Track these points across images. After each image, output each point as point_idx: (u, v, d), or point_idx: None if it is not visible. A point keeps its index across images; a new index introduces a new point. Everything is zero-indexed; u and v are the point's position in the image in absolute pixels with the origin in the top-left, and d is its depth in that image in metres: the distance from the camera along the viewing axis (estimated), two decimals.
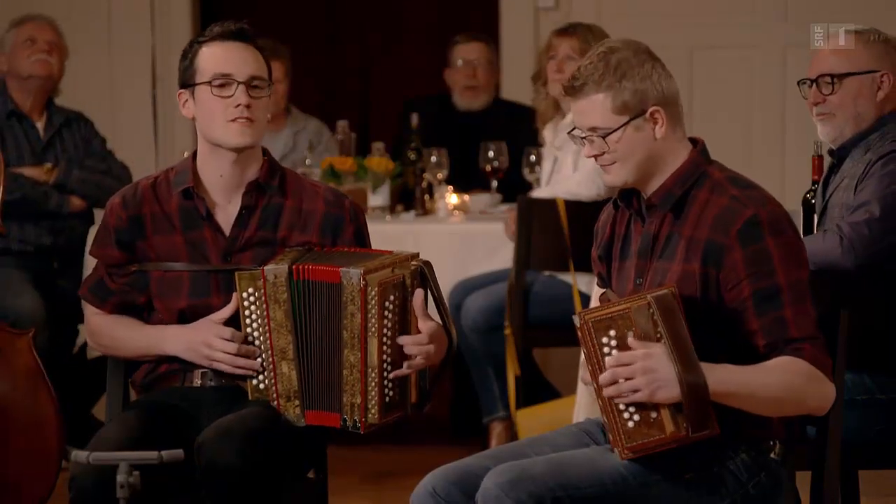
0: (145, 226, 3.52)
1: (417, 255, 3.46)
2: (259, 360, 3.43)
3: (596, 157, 3.12)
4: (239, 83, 3.44)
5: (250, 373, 3.44)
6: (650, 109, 3.09)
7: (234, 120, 3.44)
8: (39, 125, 5.71)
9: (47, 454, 3.92)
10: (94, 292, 3.58)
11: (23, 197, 5.52)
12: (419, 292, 3.40)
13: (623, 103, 3.08)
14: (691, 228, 3.08)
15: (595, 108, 3.09)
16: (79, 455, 2.97)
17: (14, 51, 5.64)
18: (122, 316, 3.57)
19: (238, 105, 3.44)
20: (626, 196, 3.19)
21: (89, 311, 3.60)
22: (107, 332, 3.57)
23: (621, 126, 3.09)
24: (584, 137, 3.13)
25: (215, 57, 3.46)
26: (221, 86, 3.45)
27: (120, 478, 2.86)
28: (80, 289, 3.61)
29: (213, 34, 3.49)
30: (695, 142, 3.17)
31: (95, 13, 7.14)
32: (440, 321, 3.42)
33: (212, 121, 3.47)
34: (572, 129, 3.17)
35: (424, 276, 3.42)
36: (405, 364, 3.37)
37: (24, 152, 5.65)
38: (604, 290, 3.26)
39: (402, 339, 3.36)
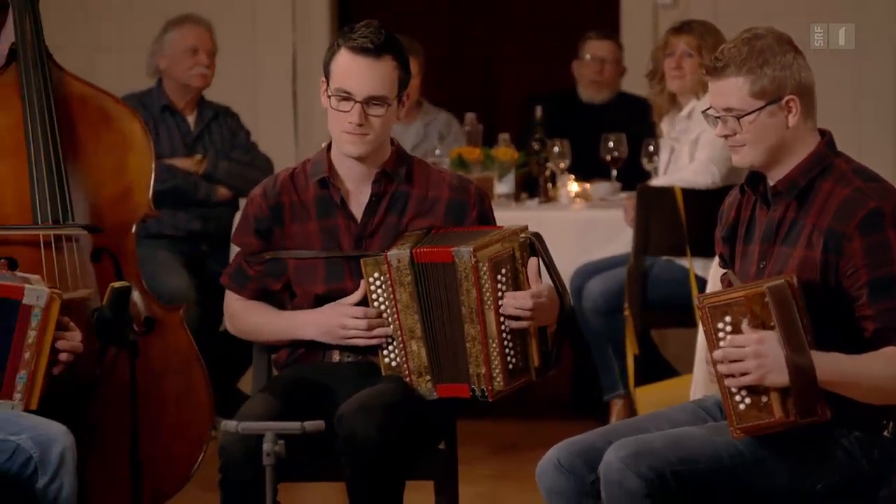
0: (284, 214, 3.55)
1: (526, 227, 3.47)
2: (389, 331, 3.44)
3: (727, 137, 3.10)
4: (356, 102, 3.43)
5: (384, 341, 3.46)
6: (786, 98, 3.06)
7: (348, 133, 3.46)
8: (190, 119, 5.80)
9: (199, 423, 3.96)
10: (234, 279, 3.62)
11: (175, 186, 5.63)
12: (532, 260, 3.41)
13: (761, 88, 3.05)
14: (815, 217, 3.05)
15: (734, 89, 3.06)
16: (228, 425, 3.01)
17: (175, 56, 5.71)
18: (259, 302, 3.60)
19: (351, 122, 3.45)
20: (753, 182, 3.17)
21: (230, 297, 3.64)
22: (244, 317, 3.61)
23: (756, 110, 3.06)
24: (718, 117, 3.11)
25: (343, 70, 3.45)
26: (341, 100, 3.45)
27: (266, 446, 2.90)
28: (221, 277, 3.65)
29: (351, 41, 3.45)
30: (823, 133, 3.13)
31: (241, 14, 7.23)
32: (553, 285, 3.43)
33: (332, 126, 3.49)
34: (707, 109, 3.15)
35: (534, 246, 3.43)
36: (517, 314, 3.36)
37: (176, 144, 5.75)
38: (725, 270, 3.24)
39: (507, 295, 3.36)
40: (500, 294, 3.37)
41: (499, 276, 3.37)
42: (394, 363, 3.48)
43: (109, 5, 7.21)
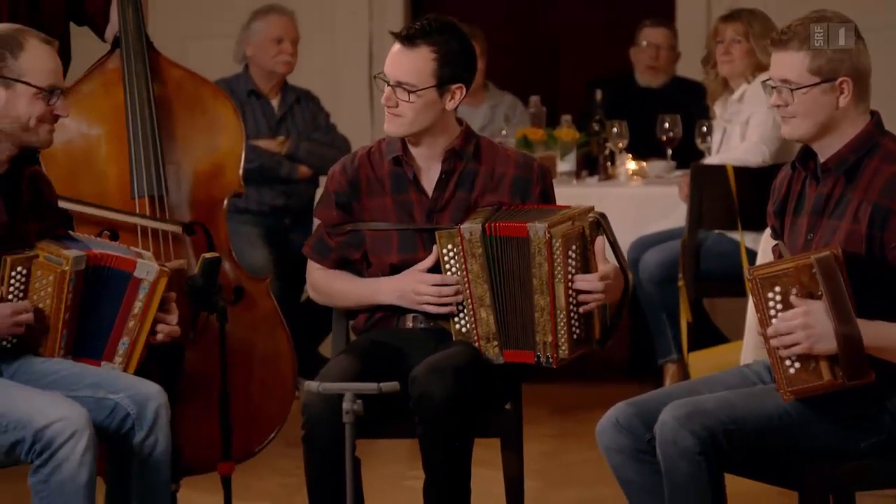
0: (361, 189, 3.56)
1: (593, 207, 3.46)
2: (459, 297, 3.45)
3: (780, 107, 3.07)
4: (388, 84, 3.45)
5: (453, 310, 3.46)
6: (840, 79, 3.03)
7: (386, 112, 3.47)
8: (274, 102, 5.83)
9: (284, 384, 3.99)
10: (316, 249, 3.62)
11: (260, 165, 5.66)
12: (600, 239, 3.41)
13: (818, 66, 3.02)
14: (862, 192, 3.02)
15: (793, 62, 3.03)
16: (310, 385, 3.03)
17: (261, 44, 5.75)
18: (340, 271, 3.61)
19: (384, 103, 3.45)
20: (804, 159, 3.14)
21: (312, 266, 3.64)
22: (327, 285, 3.62)
23: (810, 85, 3.03)
24: (775, 87, 3.08)
25: (388, 55, 3.48)
26: (383, 82, 3.46)
27: (345, 405, 2.91)
28: (304, 247, 3.66)
29: (397, 32, 3.49)
30: (872, 114, 3.10)
31: (321, 3, 7.25)
32: (617, 263, 3.43)
33: None
34: (767, 80, 3.12)
35: (600, 225, 3.42)
36: (588, 298, 3.37)
37: (261, 126, 5.79)
38: (776, 241, 3.22)
39: (578, 278, 3.36)
40: (570, 269, 3.36)
41: (570, 252, 3.36)
42: (464, 329, 3.48)
43: None
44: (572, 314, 3.37)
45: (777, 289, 2.97)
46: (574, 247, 3.37)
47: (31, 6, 3.97)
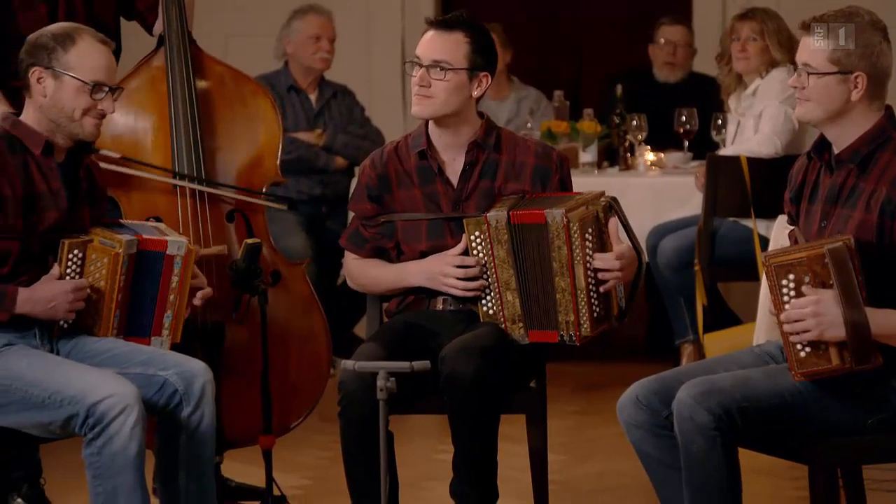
0: (391, 182, 3.57)
1: (604, 192, 3.46)
2: (484, 281, 3.45)
3: (797, 88, 3.07)
4: (422, 66, 3.44)
5: (478, 294, 3.47)
6: (856, 73, 3.02)
7: (414, 94, 3.46)
8: (312, 97, 5.85)
9: (319, 363, 4.00)
10: (353, 241, 3.64)
11: (298, 157, 5.68)
12: (613, 220, 3.41)
13: (838, 57, 3.01)
14: (874, 183, 3.01)
15: (815, 48, 3.03)
16: (346, 364, 3.04)
17: (300, 42, 5.78)
18: (374, 259, 3.62)
19: (416, 84, 3.45)
20: (819, 149, 3.13)
21: (349, 257, 3.65)
22: (362, 272, 3.63)
23: (826, 73, 3.02)
24: (797, 68, 3.07)
25: (421, 41, 3.48)
26: (413, 66, 3.46)
27: (379, 382, 2.91)
28: (340, 239, 3.67)
29: (433, 20, 3.49)
30: (886, 108, 3.08)
31: (357, 2, 7.25)
32: (629, 243, 3.43)
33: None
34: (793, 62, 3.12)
35: (612, 207, 3.43)
36: (607, 276, 3.37)
37: (300, 119, 5.81)
38: (792, 227, 3.21)
39: (597, 256, 3.37)
40: (588, 250, 3.37)
41: (586, 235, 3.37)
42: (491, 311, 3.48)
43: None
44: (592, 293, 3.37)
45: (791, 276, 2.96)
46: (590, 229, 3.37)
47: (87, 6, 3.99)
